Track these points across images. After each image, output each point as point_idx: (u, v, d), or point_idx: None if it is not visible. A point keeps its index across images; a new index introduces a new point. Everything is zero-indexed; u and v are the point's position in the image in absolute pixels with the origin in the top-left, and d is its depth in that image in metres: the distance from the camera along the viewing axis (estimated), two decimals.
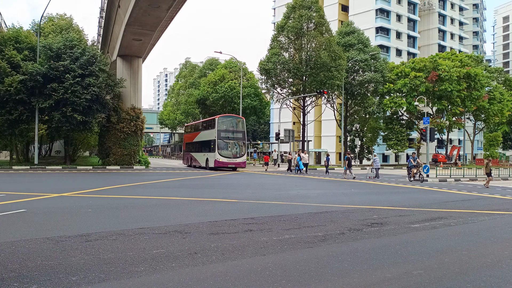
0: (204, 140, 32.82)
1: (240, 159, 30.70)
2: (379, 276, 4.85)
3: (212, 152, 30.26)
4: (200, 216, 8.88)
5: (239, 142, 30.86)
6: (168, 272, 4.80)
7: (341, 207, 10.97)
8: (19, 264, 4.99)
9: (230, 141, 30.43)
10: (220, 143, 29.76)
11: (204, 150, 32.64)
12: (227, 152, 30.13)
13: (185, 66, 78.39)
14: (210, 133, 31.04)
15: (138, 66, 34.26)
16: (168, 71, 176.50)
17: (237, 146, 30.81)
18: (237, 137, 30.88)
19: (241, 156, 30.89)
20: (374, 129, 45.50)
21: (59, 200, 11.12)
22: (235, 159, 30.33)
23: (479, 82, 44.66)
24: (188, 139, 38.76)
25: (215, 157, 29.62)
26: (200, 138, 34.04)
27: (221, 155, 29.62)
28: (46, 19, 37.10)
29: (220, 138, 29.80)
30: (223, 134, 30.05)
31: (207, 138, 31.85)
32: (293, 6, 38.78)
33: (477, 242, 6.94)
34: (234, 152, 30.51)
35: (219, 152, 29.55)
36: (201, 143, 33.76)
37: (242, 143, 31.16)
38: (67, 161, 31.84)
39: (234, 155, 30.39)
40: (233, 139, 30.64)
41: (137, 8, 23.16)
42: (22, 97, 26.21)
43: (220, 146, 29.73)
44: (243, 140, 31.29)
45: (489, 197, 14.74)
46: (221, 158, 29.58)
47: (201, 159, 33.19)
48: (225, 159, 29.75)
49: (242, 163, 30.97)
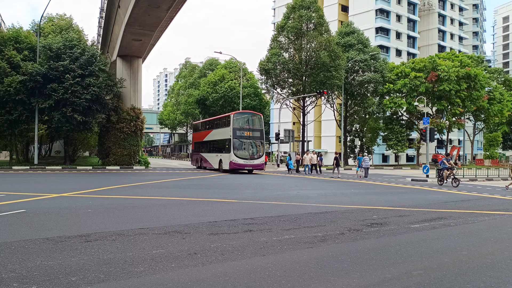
0: (217, 139, 30.15)
1: (258, 161, 27.94)
2: (379, 276, 4.84)
3: (226, 152, 27.55)
4: (199, 217, 8.88)
5: (256, 141, 28.15)
6: (167, 272, 4.80)
7: (341, 207, 10.96)
8: (19, 264, 4.99)
9: (247, 140, 27.76)
10: (236, 143, 27.08)
11: (216, 150, 29.90)
12: (243, 153, 27.48)
13: (185, 66, 78.49)
14: (224, 131, 28.27)
15: (138, 66, 34.26)
16: (168, 71, 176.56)
17: (254, 146, 28.11)
18: (255, 136, 28.18)
19: (259, 157, 28.13)
20: (374, 129, 45.50)
21: (59, 201, 11.12)
22: (252, 160, 27.59)
23: (479, 83, 44.67)
24: (197, 138, 35.81)
25: (230, 158, 26.89)
26: (212, 137, 31.23)
27: (237, 156, 26.89)
28: (46, 19, 37.10)
29: (235, 137, 27.06)
30: (239, 132, 27.35)
31: (220, 137, 29.22)
32: (293, 7, 38.79)
33: (477, 243, 6.94)
34: (251, 153, 27.84)
35: (234, 152, 26.84)
36: (213, 143, 31.07)
37: (260, 142, 28.35)
38: (67, 161, 31.83)
39: (251, 156, 27.69)
40: (250, 138, 27.94)
41: (137, 8, 23.16)
42: (22, 98, 26.23)
43: (236, 146, 27.06)
44: (261, 139, 28.46)
45: (489, 197, 14.74)
46: (237, 160, 26.86)
47: (213, 160, 30.36)
48: (242, 160, 27.05)
49: (260, 164, 28.20)
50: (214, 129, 31.01)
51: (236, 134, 27.10)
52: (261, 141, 28.38)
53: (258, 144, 28.17)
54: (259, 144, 28.23)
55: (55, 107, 26.67)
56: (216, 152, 29.94)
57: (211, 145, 31.39)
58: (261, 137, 28.39)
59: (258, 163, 27.85)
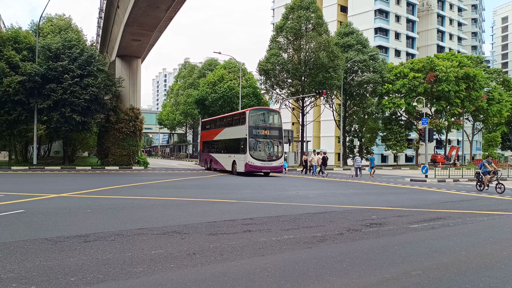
0: (230, 138, 27.60)
1: (276, 162, 25.39)
2: (378, 277, 4.85)
3: (241, 153, 25.11)
4: (199, 217, 8.88)
5: (274, 141, 25.65)
6: (166, 272, 4.80)
7: (340, 208, 10.97)
8: (18, 264, 4.98)
9: (264, 140, 25.34)
10: (252, 142, 24.59)
11: (229, 151, 27.32)
12: (260, 154, 25.06)
13: (184, 67, 78.45)
14: (239, 129, 25.79)
15: (137, 67, 34.24)
16: (167, 72, 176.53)
17: (272, 146, 25.72)
18: (273, 135, 25.63)
19: (278, 158, 25.59)
20: (372, 130, 45.57)
21: (58, 201, 11.11)
22: (270, 162, 25.10)
23: (478, 83, 44.75)
24: (206, 136, 32.85)
25: (246, 159, 24.42)
26: (224, 135, 28.63)
27: (254, 157, 24.44)
28: (45, 19, 37.06)
29: (252, 136, 24.57)
30: (255, 130, 24.80)
31: (234, 136, 26.73)
32: (291, 7, 38.83)
33: (476, 243, 6.95)
34: (269, 153, 25.49)
35: (251, 153, 24.38)
36: (225, 142, 28.48)
37: (278, 142, 25.79)
38: (66, 162, 31.80)
39: (269, 157, 25.28)
40: (267, 137, 25.44)
41: (136, 8, 23.16)
42: (21, 98, 26.21)
43: (252, 146, 24.61)
44: (280, 139, 25.85)
45: (487, 197, 14.76)
46: (254, 161, 24.41)
47: (225, 161, 27.91)
48: (259, 162, 24.58)
49: (279, 167, 25.58)
50: (226, 127, 28.63)
51: (252, 132, 24.64)
52: (280, 141, 25.83)
53: (276, 144, 25.77)
54: (277, 144, 25.80)
55: (54, 107, 26.65)
56: (228, 153, 27.49)
57: (223, 144, 29.00)
58: (280, 136, 25.83)
59: (276, 165, 25.40)
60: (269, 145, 25.67)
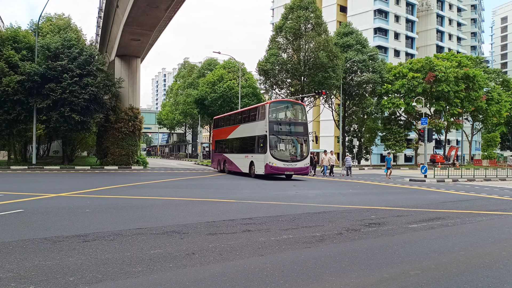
0: (246, 136, 24.43)
1: (301, 163, 21.93)
2: (377, 276, 4.85)
3: (260, 153, 21.97)
4: (198, 216, 8.87)
5: (299, 138, 22.43)
6: (165, 272, 4.79)
7: (339, 207, 10.97)
8: (17, 264, 4.98)
9: (287, 137, 22.17)
10: (273, 140, 21.48)
11: (246, 150, 24.25)
12: (283, 153, 21.90)
13: (184, 66, 78.38)
14: (257, 126, 22.66)
15: (137, 66, 34.23)
16: (166, 71, 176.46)
17: (296, 144, 22.60)
18: (297, 132, 22.47)
19: (303, 158, 22.16)
20: (372, 130, 45.60)
21: (57, 200, 11.10)
22: (294, 163, 21.73)
23: (477, 83, 44.79)
24: (219, 135, 29.71)
25: (266, 160, 21.24)
26: (240, 133, 25.52)
27: (275, 157, 21.18)
28: (44, 19, 37.01)
29: (273, 133, 21.39)
30: (276, 126, 21.70)
31: (251, 134, 23.57)
32: (291, 7, 38.83)
33: (475, 243, 6.95)
34: (292, 153, 22.32)
35: (272, 152, 21.18)
36: (241, 141, 25.36)
37: (303, 140, 22.46)
38: (65, 161, 31.77)
39: (292, 158, 21.99)
40: (291, 133, 22.24)
41: (135, 8, 23.15)
42: (20, 97, 26.19)
43: (273, 144, 21.51)
44: (305, 136, 22.50)
45: (486, 197, 14.77)
46: (275, 162, 21.12)
47: (241, 162, 24.85)
48: (281, 163, 21.29)
49: (304, 168, 22.07)
50: (242, 124, 25.42)
51: (273, 129, 21.47)
52: (305, 138, 22.47)
53: (301, 142, 22.48)
54: (302, 142, 22.49)
55: (53, 107, 26.62)
56: (245, 153, 24.37)
57: (239, 143, 25.83)
58: (305, 133, 22.54)
59: (301, 166, 21.86)
60: (293, 143, 22.63)
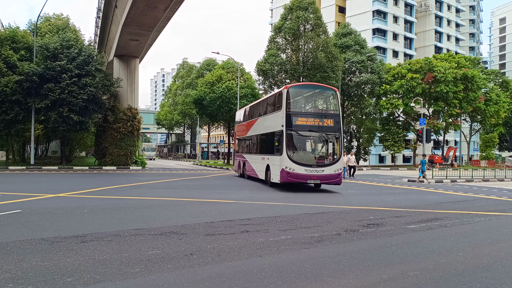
0: (264, 132, 18.66)
1: (330, 168, 15.81)
2: (375, 277, 4.85)
3: (276, 154, 16.32)
4: (196, 217, 8.87)
5: (328, 135, 16.07)
6: (163, 273, 4.79)
7: (337, 208, 10.98)
8: (14, 265, 4.96)
9: (311, 134, 16.12)
10: (291, 138, 15.67)
11: (263, 151, 18.70)
12: (305, 156, 16.20)
13: (182, 67, 78.28)
14: (275, 119, 16.76)
15: (135, 66, 34.20)
16: (165, 72, 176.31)
17: (325, 144, 16.46)
18: (326, 126, 16.05)
19: (333, 162, 16.01)
20: (370, 130, 45.60)
21: (55, 201, 11.08)
22: (320, 168, 15.70)
23: (476, 84, 44.85)
24: (240, 131, 24.52)
25: (282, 164, 15.54)
26: (258, 129, 19.88)
27: (294, 161, 15.43)
28: (42, 19, 36.95)
29: (291, 129, 15.58)
30: (296, 119, 15.80)
31: (268, 129, 17.80)
32: (290, 8, 38.83)
33: (473, 243, 6.96)
34: (319, 155, 16.45)
35: (289, 154, 15.45)
36: (259, 138, 19.67)
37: (335, 137, 16.16)
38: (63, 162, 31.71)
39: (318, 161, 16.04)
40: (317, 129, 15.92)
41: (134, 8, 23.13)
42: (18, 98, 26.13)
43: (292, 143, 15.71)
44: (336, 132, 16.14)
45: (485, 198, 14.79)
46: (294, 167, 15.36)
47: (258, 166, 19.54)
48: (302, 168, 15.41)
49: (334, 176, 15.84)
50: (261, 117, 19.78)
51: (292, 122, 15.59)
52: (336, 135, 16.08)
53: (331, 140, 16.25)
54: (332, 140, 16.24)
55: (52, 107, 26.57)
56: (262, 154, 18.74)
57: (256, 142, 20.26)
58: (337, 128, 16.13)
59: (330, 173, 15.70)
60: (320, 142, 16.59)
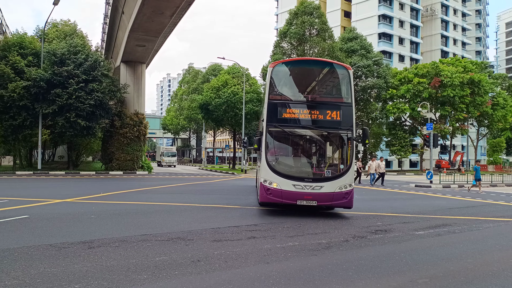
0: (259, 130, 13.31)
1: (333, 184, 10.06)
2: (384, 285, 4.80)
3: (259, 161, 12.44)
4: (203, 223, 8.85)
5: (332, 133, 10.84)
6: (171, 280, 4.77)
7: (345, 214, 10.91)
8: (22, 271, 4.97)
9: (306, 133, 10.86)
10: (273, 139, 10.69)
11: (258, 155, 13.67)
12: (294, 164, 11.21)
13: (188, 72, 78.63)
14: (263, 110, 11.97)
15: (142, 72, 34.38)
16: (171, 77, 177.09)
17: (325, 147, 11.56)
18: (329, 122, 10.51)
19: (338, 175, 10.32)
20: (377, 135, 45.43)
21: (62, 206, 11.12)
22: (318, 183, 10.05)
23: (483, 88, 44.56)
24: None
25: (261, 175, 10.72)
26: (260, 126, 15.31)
27: (276, 171, 10.22)
28: (50, 25, 37.32)
29: (274, 124, 10.42)
30: (283, 110, 10.52)
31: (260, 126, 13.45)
32: (295, 13, 38.92)
33: (483, 250, 6.88)
34: (315, 164, 11.34)
35: (269, 162, 10.37)
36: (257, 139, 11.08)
37: (342, 137, 10.69)
38: (70, 166, 31.87)
39: (316, 173, 10.82)
40: (316, 125, 10.51)
41: (140, 14, 23.28)
42: (26, 103, 26.31)
43: (273, 146, 10.79)
44: (346, 130, 10.48)
45: (493, 203, 14.64)
46: (277, 180, 10.09)
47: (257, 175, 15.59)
48: (290, 182, 10.02)
49: (340, 196, 10.01)
50: None
51: (276, 115, 10.52)
52: (347, 134, 10.52)
53: (336, 142, 11.19)
54: (338, 142, 11.04)
55: (59, 112, 26.75)
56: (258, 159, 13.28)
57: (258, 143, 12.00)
58: (347, 123, 10.54)
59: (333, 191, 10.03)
60: (319, 145, 11.61)
